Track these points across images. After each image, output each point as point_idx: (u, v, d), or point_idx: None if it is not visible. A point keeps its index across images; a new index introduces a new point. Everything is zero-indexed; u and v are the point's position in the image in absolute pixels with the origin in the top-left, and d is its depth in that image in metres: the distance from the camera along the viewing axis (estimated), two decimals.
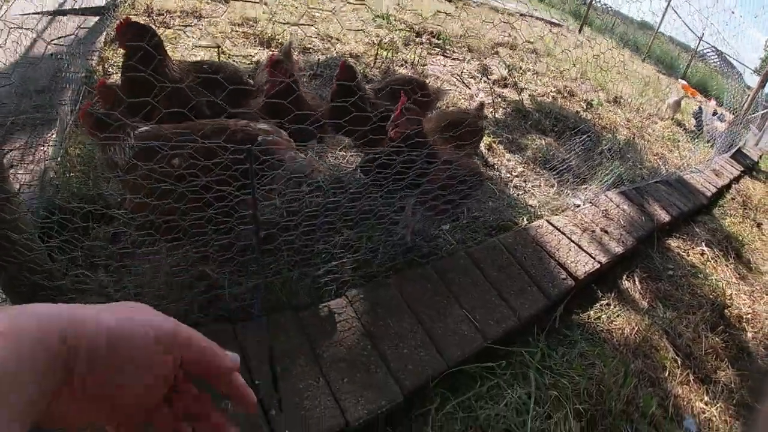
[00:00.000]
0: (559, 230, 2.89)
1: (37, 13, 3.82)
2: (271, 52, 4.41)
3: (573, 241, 2.83)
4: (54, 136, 2.52)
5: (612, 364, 2.20)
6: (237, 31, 4.84)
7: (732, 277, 3.58)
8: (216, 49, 4.10)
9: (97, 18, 4.27)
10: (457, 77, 5.43)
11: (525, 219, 3.01)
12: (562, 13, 14.03)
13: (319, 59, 4.68)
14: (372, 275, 2.23)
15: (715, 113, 7.73)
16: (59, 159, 2.46)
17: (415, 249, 2.42)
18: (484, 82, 5.58)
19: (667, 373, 2.41)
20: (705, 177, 5.21)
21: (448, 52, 6.37)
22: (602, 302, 2.69)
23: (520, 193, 3.37)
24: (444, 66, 5.79)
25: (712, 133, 7.06)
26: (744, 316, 3.20)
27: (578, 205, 3.39)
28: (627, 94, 7.41)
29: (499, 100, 5.11)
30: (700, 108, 7.75)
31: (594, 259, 2.75)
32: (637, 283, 3.00)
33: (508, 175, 3.59)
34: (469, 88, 5.22)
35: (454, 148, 2.26)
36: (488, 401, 1.90)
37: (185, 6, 5.05)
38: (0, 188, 1.42)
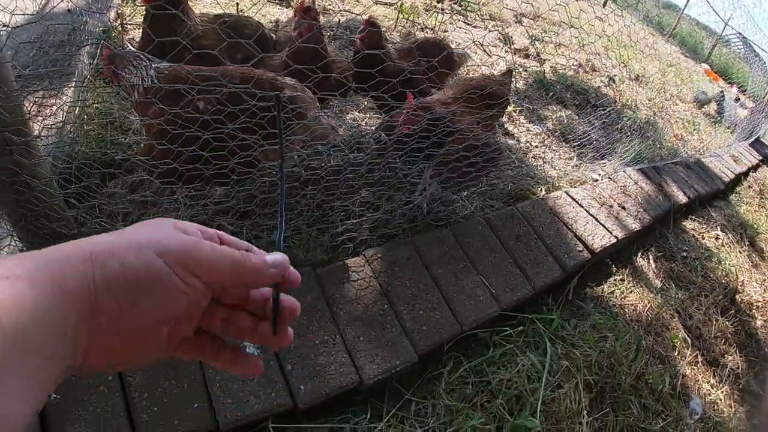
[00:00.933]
0: (577, 202, 2.85)
1: None
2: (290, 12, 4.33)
3: (591, 215, 2.79)
4: (72, 88, 2.47)
5: (624, 338, 2.19)
6: None
7: (745, 264, 3.55)
8: (235, 6, 4.02)
9: None
10: (479, 45, 5.32)
11: (543, 189, 2.96)
12: None
13: (339, 20, 4.58)
14: (390, 235, 2.20)
15: (737, 99, 7.58)
16: (77, 111, 2.42)
17: (433, 213, 2.39)
18: (506, 51, 5.48)
19: (676, 352, 2.40)
20: (723, 162, 5.13)
21: (469, 19, 6.23)
22: (616, 277, 2.67)
23: (539, 163, 3.31)
24: (466, 33, 5.67)
25: (734, 119, 6.94)
26: (755, 303, 3.18)
27: (596, 180, 3.33)
28: (649, 73, 7.27)
29: (521, 69, 5.01)
30: (722, 93, 7.59)
31: (611, 233, 2.71)
32: (651, 261, 2.97)
33: (528, 145, 3.53)
34: (490, 57, 5.12)
35: (477, 116, 2.20)
36: (500, 367, 1.89)
37: None
38: (19, 131, 1.38)
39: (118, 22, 3.46)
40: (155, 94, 1.66)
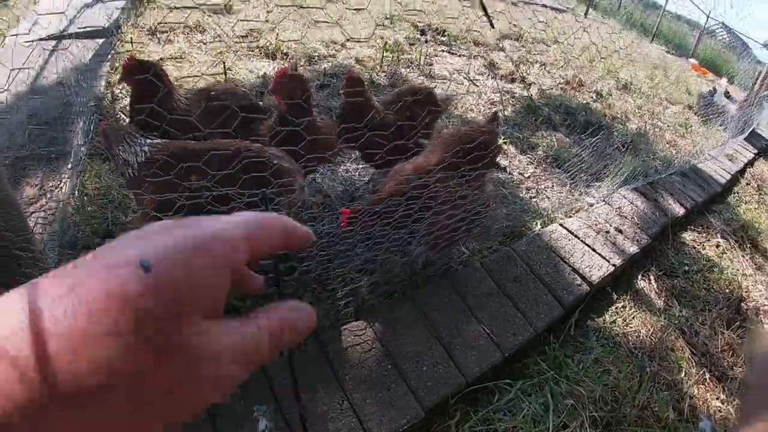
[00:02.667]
0: (572, 234, 2.92)
1: (42, 39, 3.90)
2: (278, 65, 4.46)
3: (587, 245, 2.86)
4: (69, 169, 2.58)
5: (627, 369, 2.25)
6: (241, 44, 4.90)
7: (748, 268, 3.58)
8: (222, 66, 4.16)
9: (102, 40, 4.33)
10: (465, 75, 5.44)
11: (538, 224, 3.04)
12: None
13: (325, 68, 4.71)
14: (390, 292, 2.29)
15: (727, 95, 7.61)
16: (76, 193, 2.53)
17: (430, 264, 2.47)
18: (491, 77, 5.59)
19: (683, 373, 2.44)
20: (718, 164, 5.17)
21: (454, 49, 6.37)
22: (618, 305, 2.73)
23: (533, 195, 3.40)
24: (451, 64, 5.80)
25: (726, 116, 6.98)
26: (761, 308, 3.21)
27: (592, 204, 3.41)
28: (637, 79, 7.36)
29: (508, 96, 5.12)
30: (714, 89, 7.63)
31: (608, 262, 2.78)
32: (652, 281, 3.03)
33: (520, 177, 3.61)
34: (477, 86, 5.23)
35: (464, 175, 2.24)
36: (506, 413, 1.96)
37: (188, 20, 5.11)
38: (18, 227, 1.47)
39: (109, 91, 3.60)
40: (149, 170, 1.77)
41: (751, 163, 5.96)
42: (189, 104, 2.35)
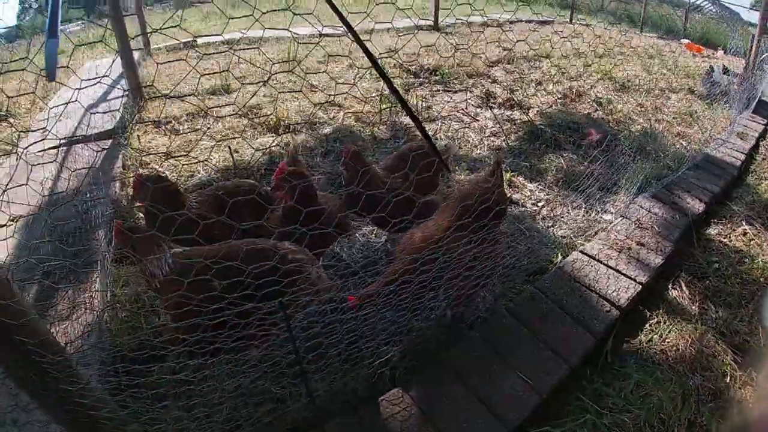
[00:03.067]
0: (594, 258, 2.99)
1: (52, 148, 4.15)
2: (281, 140, 4.66)
3: (610, 267, 2.92)
4: (98, 280, 2.73)
5: (670, 388, 2.28)
6: (243, 123, 5.13)
7: None
8: (228, 150, 4.36)
9: (110, 141, 4.60)
10: (463, 112, 5.58)
11: (559, 254, 3.11)
12: (549, 7, 14.06)
13: (327, 134, 4.89)
14: (422, 350, 2.38)
15: (725, 71, 7.58)
16: (107, 300, 2.68)
17: (457, 319, 2.56)
18: (489, 108, 5.72)
19: (728, 378, 2.45)
20: (730, 145, 5.16)
21: (448, 85, 6.54)
22: (651, 321, 2.76)
23: (550, 224, 3.47)
24: (448, 102, 5.95)
25: (729, 94, 6.94)
26: None
27: (610, 221, 3.47)
28: (634, 75, 7.41)
29: (509, 125, 5.23)
30: (711, 68, 7.62)
31: (635, 281, 2.83)
32: (683, 288, 3.05)
33: (535, 208, 3.70)
34: (477, 120, 5.36)
35: (473, 234, 2.29)
36: None
37: (189, 108, 5.37)
38: (70, 373, 1.59)
39: (124, 192, 3.80)
40: (175, 280, 1.91)
41: (762, 136, 5.89)
42: (200, 209, 2.52)
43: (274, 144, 4.60)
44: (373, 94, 5.88)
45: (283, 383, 2.21)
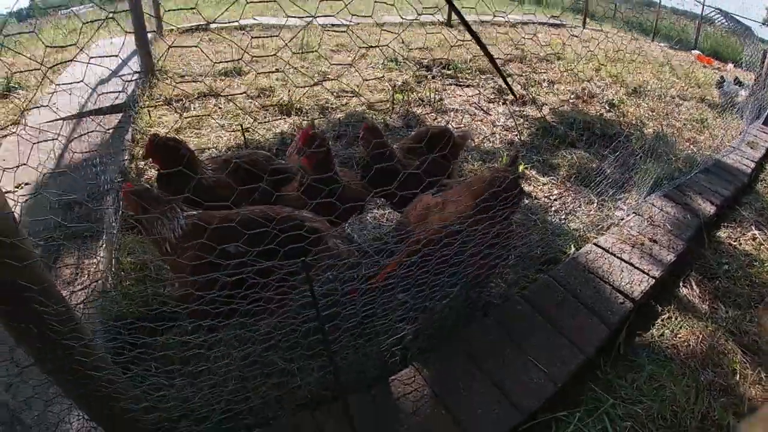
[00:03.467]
0: (608, 251, 2.99)
1: (61, 119, 4.11)
2: (293, 121, 4.64)
3: (624, 260, 2.92)
4: (103, 246, 2.70)
5: (682, 382, 2.28)
6: (255, 104, 5.11)
7: None
8: (240, 128, 4.35)
9: (120, 115, 4.56)
10: (476, 106, 5.57)
11: (572, 246, 3.11)
12: (562, 11, 14.05)
13: (340, 118, 4.88)
14: (436, 335, 2.37)
15: (737, 81, 7.59)
16: (112, 269, 2.64)
17: (471, 303, 2.55)
18: (502, 103, 5.72)
19: (738, 376, 2.46)
20: (741, 153, 5.17)
21: (461, 80, 6.52)
22: (663, 317, 2.76)
23: (562, 217, 3.47)
24: (460, 96, 5.95)
25: (740, 103, 6.96)
26: None
27: (622, 218, 3.47)
28: (645, 81, 7.41)
29: (522, 120, 5.23)
30: (722, 77, 7.63)
31: (648, 275, 2.83)
32: (694, 286, 3.05)
33: (547, 201, 3.70)
34: (489, 114, 5.36)
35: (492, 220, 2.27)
36: None
37: (200, 87, 5.35)
38: (77, 337, 1.55)
39: (133, 165, 3.78)
40: (187, 242, 1.88)
41: None
42: (216, 178, 2.50)
43: (285, 126, 4.59)
44: (386, 84, 5.88)
45: (294, 355, 2.20)
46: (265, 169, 2.60)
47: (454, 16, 10.12)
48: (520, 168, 4.01)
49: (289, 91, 5.29)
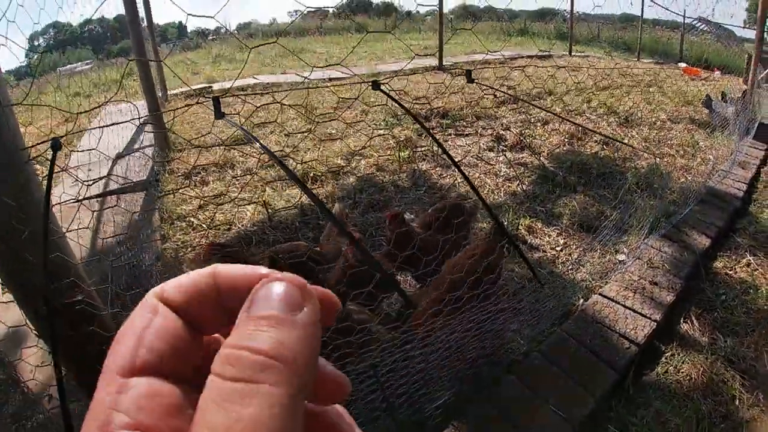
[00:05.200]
0: (612, 300, 3.35)
1: (86, 198, 4.28)
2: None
3: (627, 308, 3.27)
4: None
5: (686, 414, 2.62)
6: (270, 173, 5.50)
7: None
8: (263, 205, 4.72)
9: (144, 193, 4.85)
10: (477, 157, 5.98)
11: (580, 297, 3.47)
12: (547, 40, 14.56)
13: (353, 185, 5.27)
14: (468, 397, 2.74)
15: (723, 97, 7.84)
16: None
17: (494, 365, 2.93)
18: (501, 151, 6.12)
19: (736, 401, 2.77)
20: (732, 176, 5.46)
21: (459, 128, 6.94)
22: (666, 354, 3.10)
23: (569, 268, 3.84)
24: (461, 146, 6.37)
25: (729, 121, 7.14)
26: None
27: (624, 262, 3.83)
28: (635, 106, 7.78)
29: (521, 168, 5.63)
30: (708, 96, 7.91)
31: (650, 319, 3.17)
32: (694, 321, 3.38)
33: (554, 252, 4.07)
34: (491, 165, 5.76)
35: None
36: None
37: (215, 158, 5.76)
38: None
39: (166, 244, 4.11)
40: None
41: (764, 162, 6.16)
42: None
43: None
44: (391, 142, 6.31)
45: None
46: (305, 262, 2.97)
47: (445, 58, 10.62)
48: (525, 222, 4.39)
49: (302, 159, 5.68)
